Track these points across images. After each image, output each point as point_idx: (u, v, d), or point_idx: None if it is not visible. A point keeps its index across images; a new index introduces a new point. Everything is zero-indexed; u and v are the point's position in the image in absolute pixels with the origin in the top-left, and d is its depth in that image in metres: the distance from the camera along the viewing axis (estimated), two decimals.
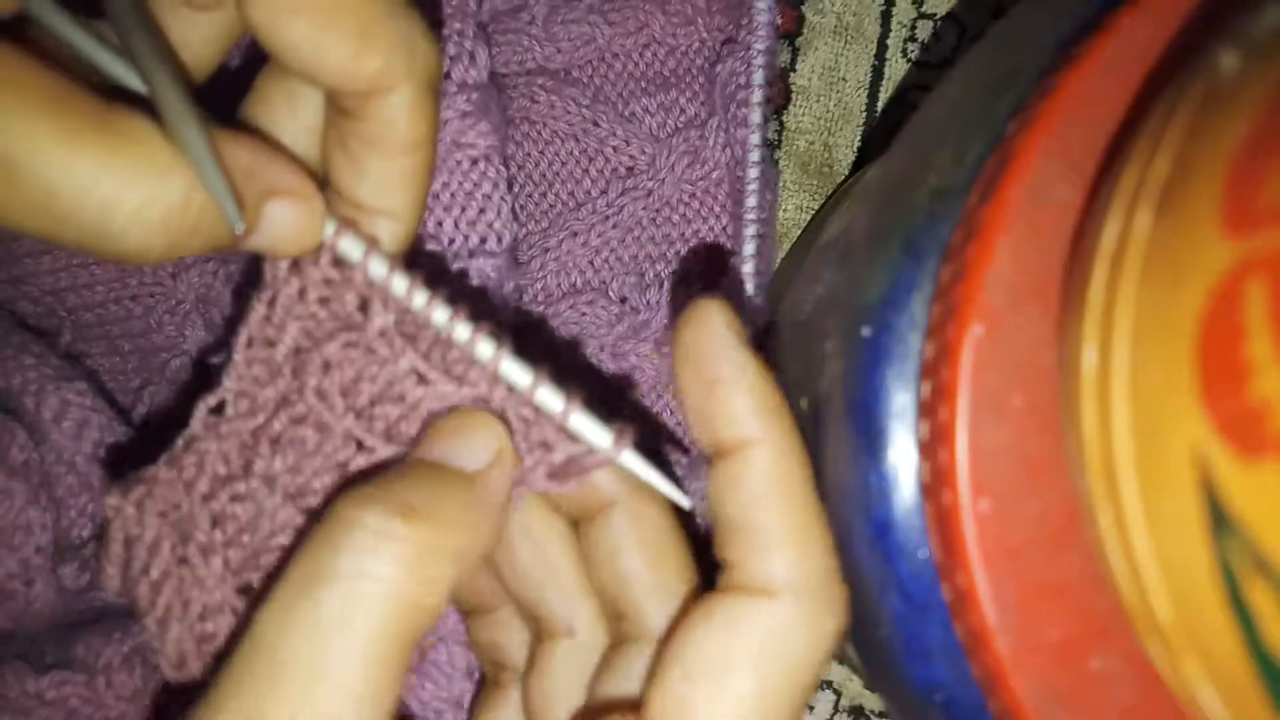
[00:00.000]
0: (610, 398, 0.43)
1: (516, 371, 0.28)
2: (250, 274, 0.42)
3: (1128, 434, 0.21)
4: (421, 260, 0.35)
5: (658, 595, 0.29)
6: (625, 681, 0.29)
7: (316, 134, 0.29)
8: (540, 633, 0.31)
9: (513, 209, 0.37)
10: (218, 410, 0.30)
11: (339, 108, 0.28)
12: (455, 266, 0.36)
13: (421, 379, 0.29)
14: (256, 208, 0.27)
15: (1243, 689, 0.20)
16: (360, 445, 0.29)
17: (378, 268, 0.28)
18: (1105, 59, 0.25)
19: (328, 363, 0.29)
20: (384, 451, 0.29)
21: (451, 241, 0.36)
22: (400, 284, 0.28)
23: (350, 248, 0.28)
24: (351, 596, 0.24)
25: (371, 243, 0.28)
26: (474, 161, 0.36)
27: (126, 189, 0.24)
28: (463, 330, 0.28)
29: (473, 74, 0.37)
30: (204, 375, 0.43)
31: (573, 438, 0.28)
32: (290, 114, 0.29)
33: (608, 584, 0.29)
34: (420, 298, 0.28)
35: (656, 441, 0.43)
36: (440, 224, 0.36)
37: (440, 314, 0.28)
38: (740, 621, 0.26)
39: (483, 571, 0.32)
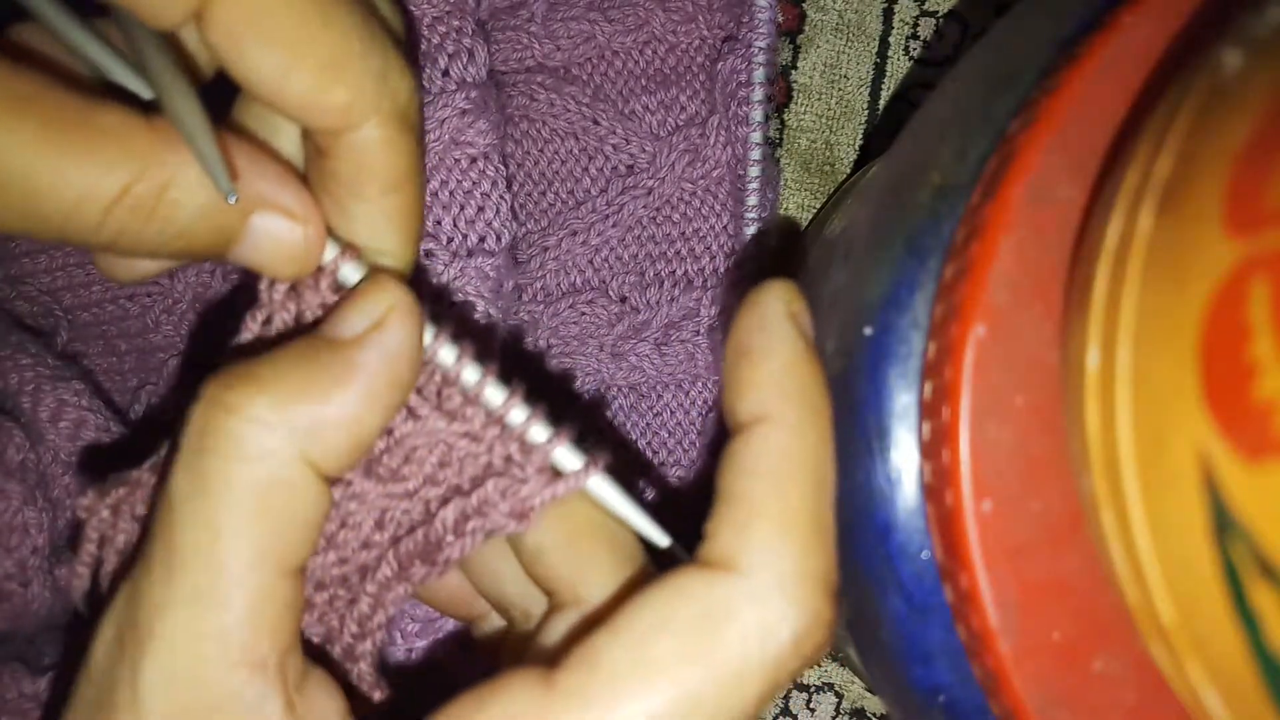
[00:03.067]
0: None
1: (521, 414, 0.27)
2: (247, 273, 0.42)
3: (1131, 434, 0.21)
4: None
5: (574, 561, 0.27)
6: (545, 643, 0.27)
7: (296, 165, 0.28)
8: (511, 625, 0.31)
9: (512, 207, 0.37)
10: None
11: (314, 146, 0.27)
12: (454, 265, 0.36)
13: (411, 414, 0.28)
14: (242, 216, 0.25)
15: (1246, 691, 0.20)
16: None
17: None
18: (1107, 57, 0.25)
19: None
20: (360, 485, 0.28)
21: (450, 240, 0.36)
22: None
23: (352, 275, 0.27)
24: (197, 474, 0.23)
25: (374, 270, 0.27)
26: (472, 160, 0.36)
27: (101, 180, 0.23)
28: (471, 370, 0.27)
29: (471, 72, 0.37)
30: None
31: (557, 473, 0.27)
32: (269, 142, 0.28)
33: (528, 562, 0.28)
34: (425, 334, 0.27)
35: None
36: (439, 222, 0.36)
37: (446, 352, 0.27)
38: (687, 590, 0.24)
39: (457, 579, 0.32)
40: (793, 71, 0.47)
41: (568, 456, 0.27)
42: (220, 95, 0.28)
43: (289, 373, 0.24)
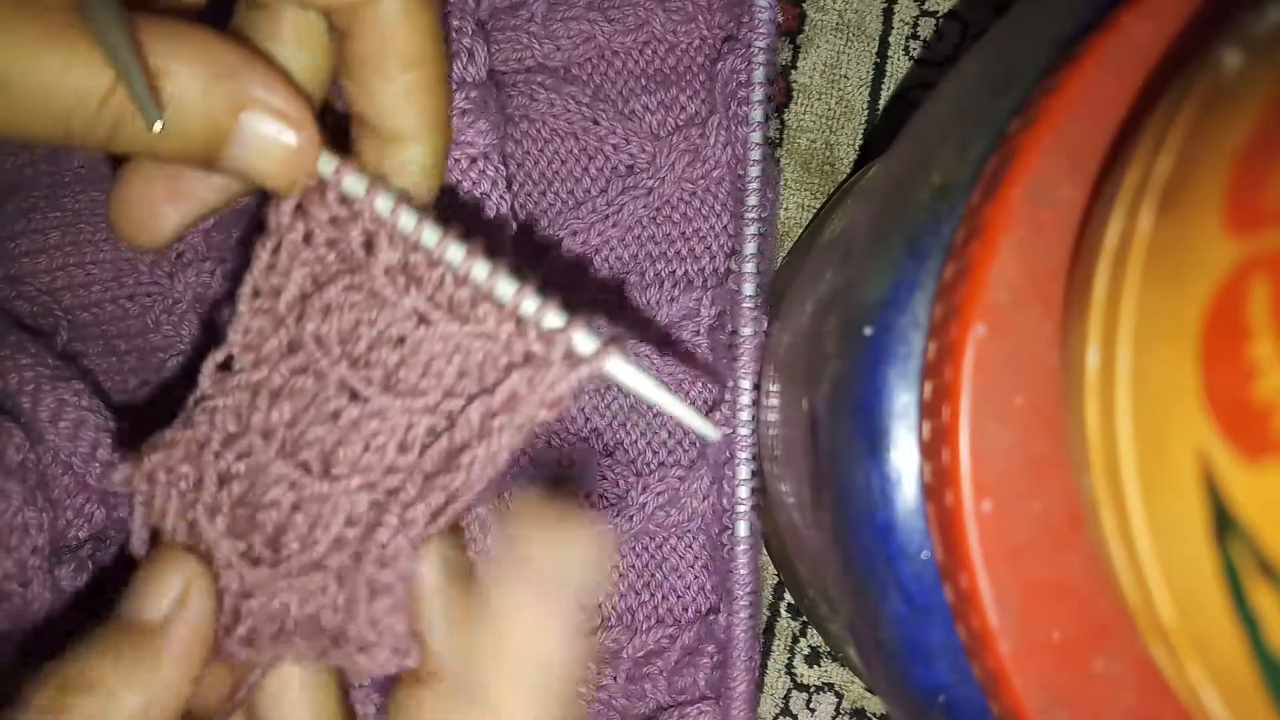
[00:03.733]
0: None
1: (534, 304, 0.27)
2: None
3: (1131, 434, 0.21)
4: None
5: None
6: None
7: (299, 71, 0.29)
8: None
9: (512, 207, 0.37)
10: (225, 366, 0.29)
11: (336, 29, 0.28)
12: None
13: (423, 320, 0.27)
14: (232, 113, 0.26)
15: (1246, 691, 0.20)
16: (354, 395, 0.28)
17: (383, 203, 0.27)
18: (1107, 57, 0.25)
19: (329, 306, 0.28)
20: (379, 401, 0.28)
21: None
22: (408, 219, 0.27)
23: (355, 186, 0.27)
24: None
25: (376, 178, 0.27)
26: (473, 160, 0.36)
27: (98, 75, 0.24)
28: (480, 266, 0.27)
29: (471, 71, 0.37)
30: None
31: (575, 360, 0.27)
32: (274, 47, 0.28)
33: None
34: (430, 233, 0.27)
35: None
36: None
37: (455, 250, 0.27)
38: None
39: None
40: (793, 71, 0.47)
41: (585, 340, 0.27)
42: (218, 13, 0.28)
43: (109, 675, 0.26)
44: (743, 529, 0.38)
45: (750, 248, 0.40)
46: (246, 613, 0.28)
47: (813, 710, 0.48)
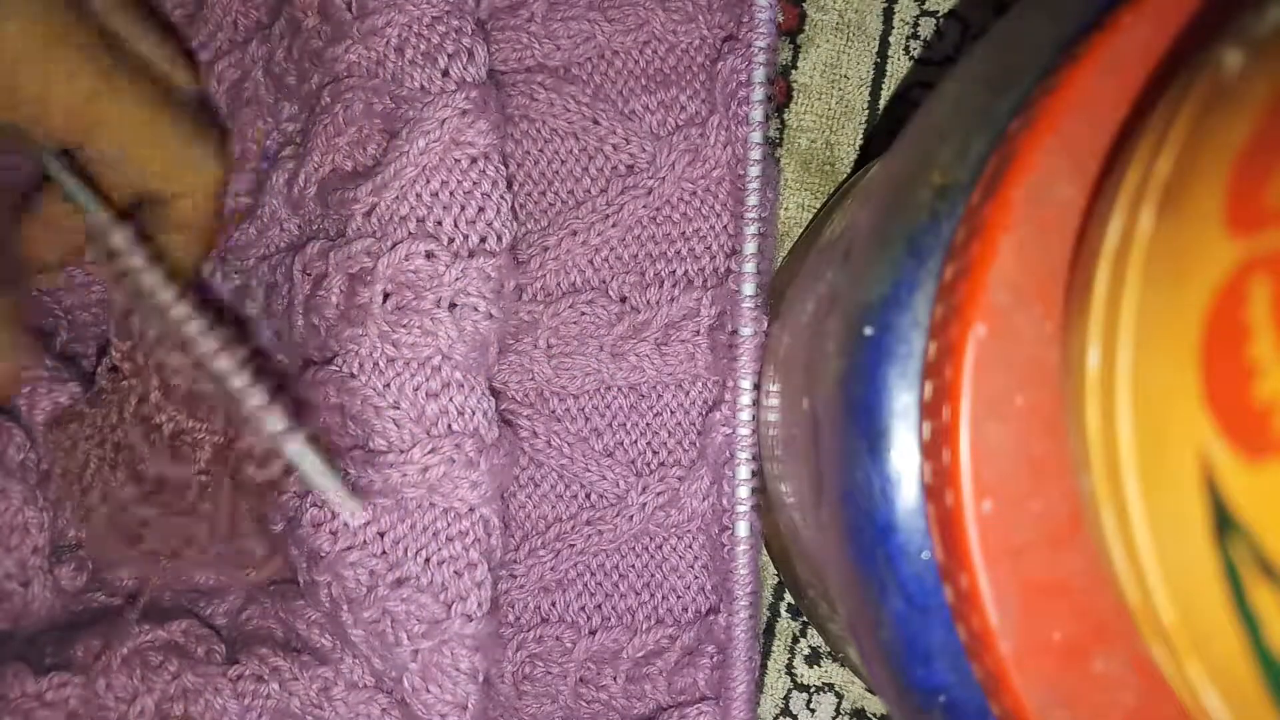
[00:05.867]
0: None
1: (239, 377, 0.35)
2: (245, 276, 0.42)
3: (1131, 435, 0.21)
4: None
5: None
6: None
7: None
8: None
9: (512, 207, 0.37)
10: (114, 370, 0.40)
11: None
12: (455, 266, 0.36)
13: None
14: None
15: (1247, 692, 0.20)
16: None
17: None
18: (1108, 56, 0.24)
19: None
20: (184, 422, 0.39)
21: (451, 240, 0.36)
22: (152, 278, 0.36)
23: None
24: None
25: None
26: (473, 160, 0.36)
27: None
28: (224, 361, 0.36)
29: (471, 72, 0.37)
30: None
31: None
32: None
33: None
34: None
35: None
36: (439, 223, 0.36)
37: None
38: None
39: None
40: (793, 71, 0.47)
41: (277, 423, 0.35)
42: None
43: None
44: (742, 529, 0.38)
45: (750, 247, 0.40)
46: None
47: (813, 710, 0.48)
